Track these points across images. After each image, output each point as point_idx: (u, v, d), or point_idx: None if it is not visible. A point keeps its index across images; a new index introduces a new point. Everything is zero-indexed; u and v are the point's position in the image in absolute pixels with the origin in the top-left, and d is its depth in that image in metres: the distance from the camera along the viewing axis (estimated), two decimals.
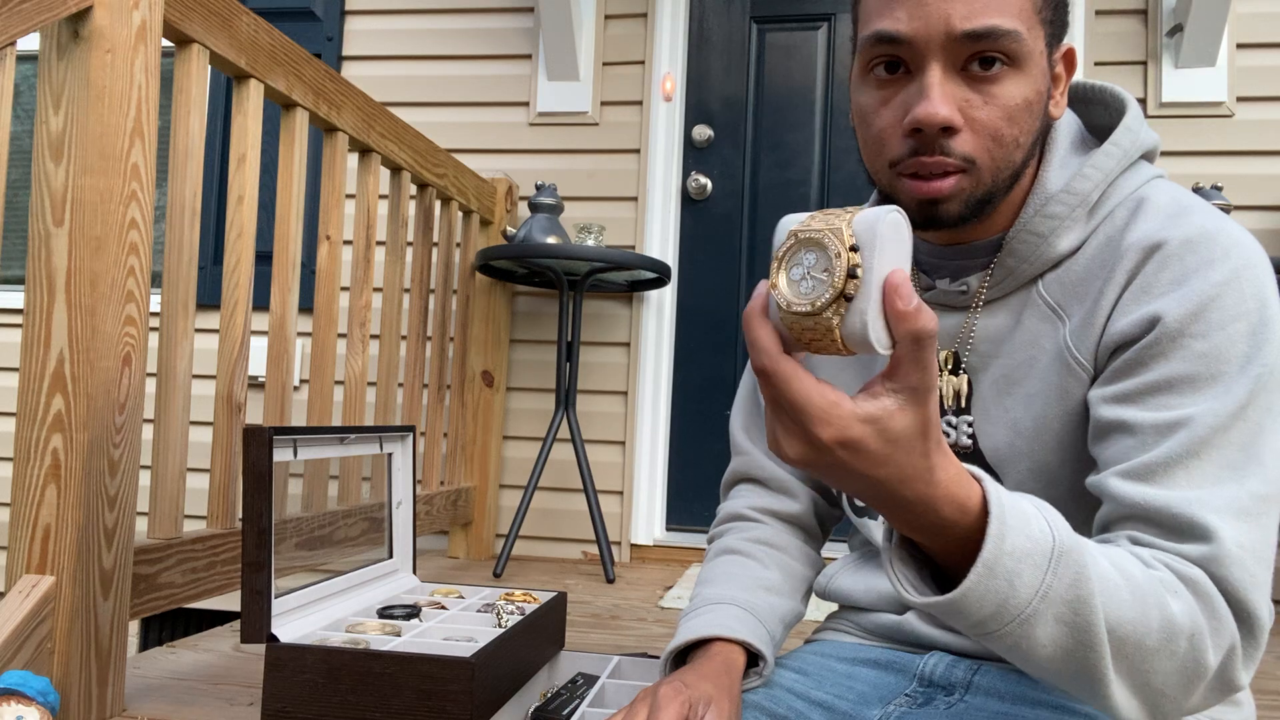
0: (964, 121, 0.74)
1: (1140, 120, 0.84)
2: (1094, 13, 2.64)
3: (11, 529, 1.15)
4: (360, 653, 0.96)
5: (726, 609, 0.91)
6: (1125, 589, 0.64)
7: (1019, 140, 0.76)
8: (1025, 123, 0.75)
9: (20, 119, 3.32)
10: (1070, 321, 0.80)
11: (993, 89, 0.74)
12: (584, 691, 1.13)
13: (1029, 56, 0.74)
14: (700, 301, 2.86)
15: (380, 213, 2.84)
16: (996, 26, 0.72)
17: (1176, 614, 0.65)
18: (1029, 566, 0.61)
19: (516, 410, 2.84)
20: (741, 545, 1.00)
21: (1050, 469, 0.81)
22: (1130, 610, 0.63)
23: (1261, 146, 2.55)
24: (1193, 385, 0.71)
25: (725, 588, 0.94)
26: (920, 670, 0.91)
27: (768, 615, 0.92)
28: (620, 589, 2.24)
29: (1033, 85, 0.75)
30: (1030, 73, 0.75)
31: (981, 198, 0.77)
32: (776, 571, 0.98)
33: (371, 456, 1.43)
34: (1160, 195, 0.80)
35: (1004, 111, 0.74)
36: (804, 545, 1.03)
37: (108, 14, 1.18)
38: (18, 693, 1.00)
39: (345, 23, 3.01)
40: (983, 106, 0.74)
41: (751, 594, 0.94)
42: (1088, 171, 0.80)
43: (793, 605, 0.97)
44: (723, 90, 2.89)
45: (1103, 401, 0.75)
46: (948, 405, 0.89)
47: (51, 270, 1.16)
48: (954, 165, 0.75)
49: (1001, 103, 0.74)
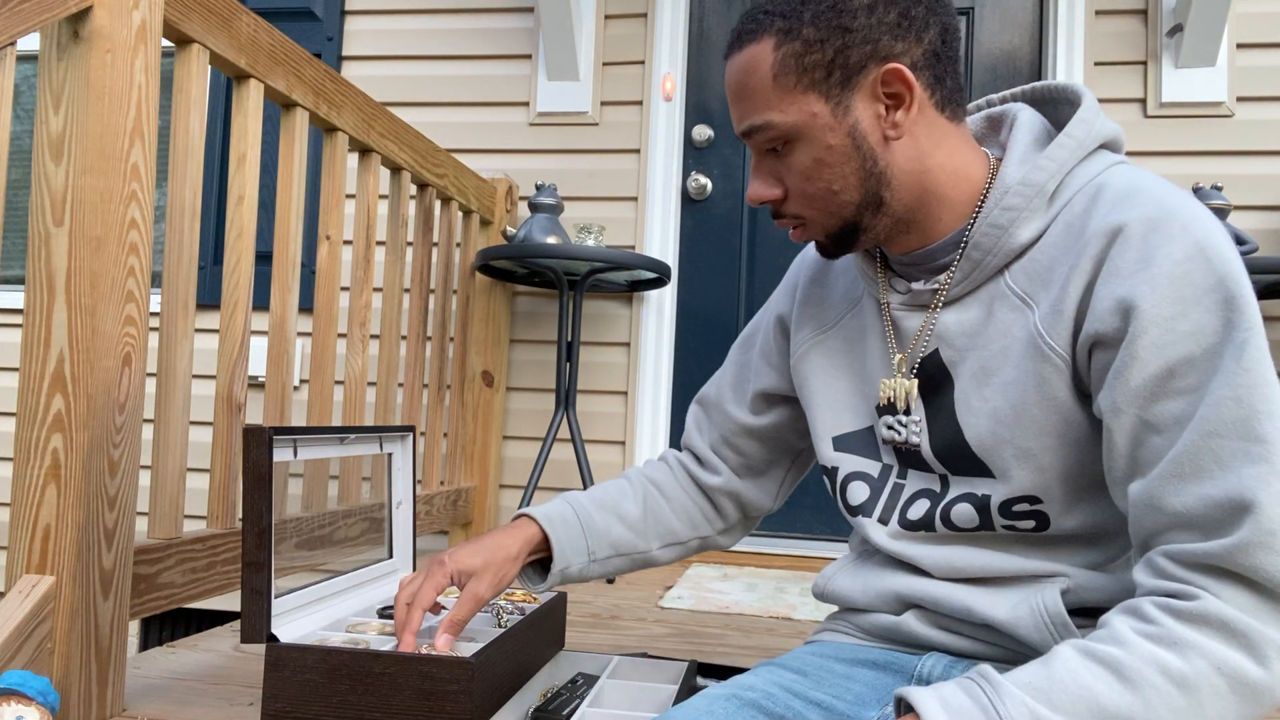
0: (784, 190, 0.89)
1: (1096, 111, 0.87)
2: (1094, 13, 2.64)
3: (11, 529, 1.15)
4: (360, 653, 0.96)
5: (561, 504, 1.09)
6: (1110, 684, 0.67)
7: (830, 189, 0.87)
8: (826, 174, 0.86)
9: (20, 119, 3.32)
10: (1039, 308, 0.83)
11: (788, 161, 0.87)
12: (584, 691, 1.14)
13: (795, 129, 0.85)
14: (700, 301, 2.86)
15: (380, 213, 2.84)
16: (752, 124, 0.87)
17: (1183, 668, 0.67)
18: None
19: (516, 410, 2.84)
20: (633, 474, 1.16)
21: (1034, 454, 0.84)
22: (1124, 699, 0.66)
23: (1261, 146, 2.55)
24: (1190, 365, 0.73)
25: (584, 495, 1.11)
26: (918, 671, 0.91)
27: (596, 532, 1.08)
28: (620, 589, 2.24)
29: (818, 145, 0.85)
30: (810, 137, 0.85)
31: (839, 233, 0.90)
32: (637, 507, 1.11)
33: (371, 456, 1.43)
34: (1117, 180, 0.82)
35: (800, 175, 0.87)
36: (695, 506, 1.14)
37: (108, 14, 1.18)
38: (18, 693, 1.00)
39: (345, 23, 3.01)
40: (788, 176, 0.88)
41: (597, 509, 1.09)
42: (1042, 163, 0.84)
43: (636, 541, 1.10)
44: (722, 90, 2.89)
45: (1114, 408, 0.77)
46: (898, 406, 0.92)
47: (51, 270, 1.16)
48: (789, 222, 0.91)
49: (796, 170, 0.87)
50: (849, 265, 1.03)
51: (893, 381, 0.93)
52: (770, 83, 0.85)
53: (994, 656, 0.89)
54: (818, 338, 1.03)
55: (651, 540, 1.11)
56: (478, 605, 1.01)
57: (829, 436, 1.00)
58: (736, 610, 1.98)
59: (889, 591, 0.94)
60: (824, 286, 1.05)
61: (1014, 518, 0.87)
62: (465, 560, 1.01)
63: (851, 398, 0.99)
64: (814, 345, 1.03)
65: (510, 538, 1.04)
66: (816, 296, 1.05)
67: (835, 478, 0.99)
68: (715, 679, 1.23)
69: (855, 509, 0.97)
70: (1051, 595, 0.84)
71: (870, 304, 0.98)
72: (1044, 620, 0.84)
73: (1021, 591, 0.86)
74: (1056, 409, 0.82)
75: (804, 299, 1.06)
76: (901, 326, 0.93)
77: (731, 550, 2.68)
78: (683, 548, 1.14)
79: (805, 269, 1.08)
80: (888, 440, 0.94)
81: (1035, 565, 0.87)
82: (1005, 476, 0.86)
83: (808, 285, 1.06)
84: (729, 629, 1.82)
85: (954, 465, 0.90)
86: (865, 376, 0.98)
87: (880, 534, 0.95)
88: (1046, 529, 0.86)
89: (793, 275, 1.10)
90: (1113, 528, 0.86)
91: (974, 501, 0.88)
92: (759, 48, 0.85)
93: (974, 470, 0.88)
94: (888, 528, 0.94)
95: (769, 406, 1.11)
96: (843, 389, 1.00)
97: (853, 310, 1.01)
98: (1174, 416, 0.74)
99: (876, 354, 0.96)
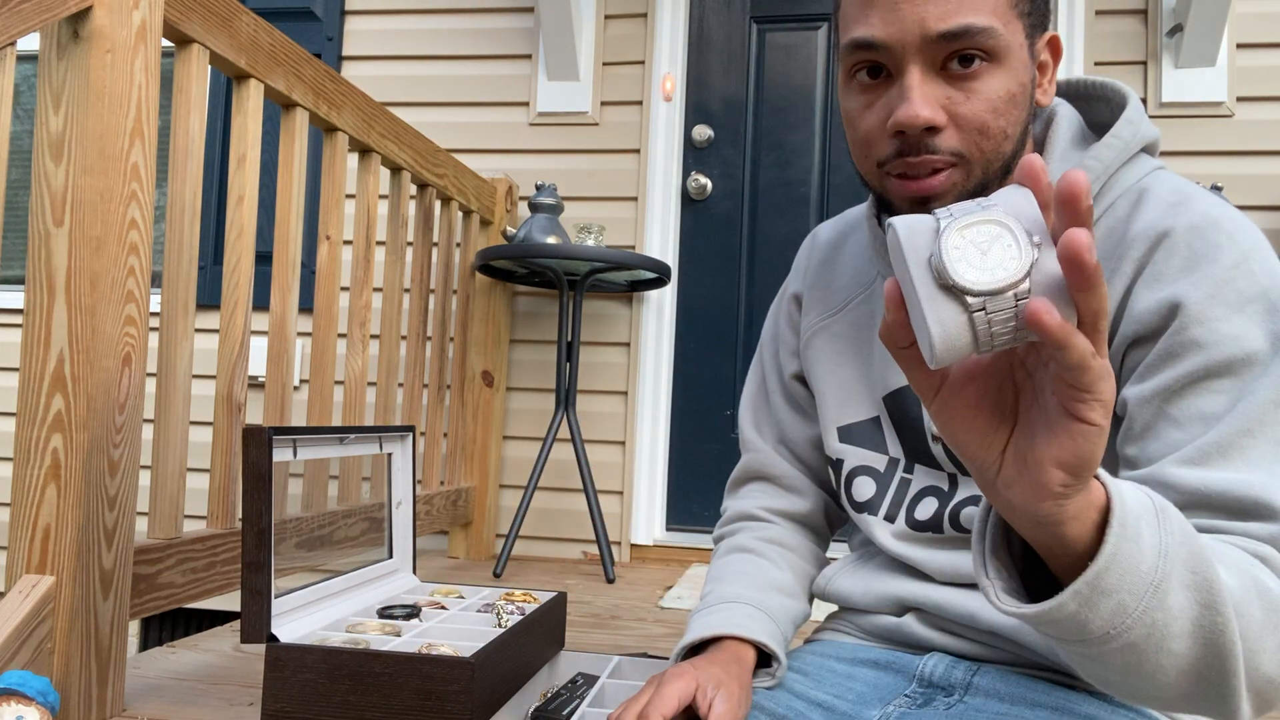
0: (948, 119, 0.76)
1: (1141, 113, 0.85)
2: (1094, 13, 2.64)
3: (11, 529, 1.15)
4: (360, 653, 0.96)
5: (740, 607, 0.91)
6: (1221, 553, 0.62)
7: (1006, 131, 0.77)
8: (1011, 114, 0.77)
9: (20, 119, 3.32)
10: None
11: (974, 84, 0.75)
12: (584, 691, 1.13)
13: (1007, 50, 0.75)
14: (700, 301, 2.86)
15: (380, 213, 2.84)
16: (971, 25, 0.74)
17: (1271, 585, 0.63)
18: (1146, 525, 0.56)
19: (516, 410, 2.84)
20: (753, 544, 1.01)
21: None
22: (1234, 577, 0.61)
23: (1261, 146, 2.55)
24: (1229, 368, 0.72)
25: (738, 586, 0.95)
26: (920, 671, 0.90)
27: (780, 615, 0.93)
28: (620, 589, 2.24)
29: (1015, 78, 0.76)
30: (1011, 65, 0.76)
31: (973, 190, 0.78)
32: (788, 573, 0.99)
33: (371, 456, 1.43)
34: (1161, 186, 0.81)
35: (988, 105, 0.76)
36: (812, 545, 1.04)
37: (108, 14, 1.18)
38: (18, 693, 1.00)
39: (345, 23, 3.01)
40: (965, 102, 0.76)
41: (764, 594, 0.95)
42: (1088, 163, 0.82)
43: (801, 606, 0.98)
44: (723, 90, 2.89)
45: (1141, 399, 0.75)
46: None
47: (51, 270, 1.16)
48: (942, 162, 0.77)
49: (985, 97, 0.75)
50: (861, 247, 1.00)
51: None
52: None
53: (996, 659, 0.89)
54: (824, 321, 0.99)
55: (804, 597, 1.00)
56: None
57: (834, 426, 0.97)
58: None
59: (890, 594, 0.93)
60: (833, 269, 1.01)
61: None
62: (710, 670, 0.82)
63: (857, 386, 0.96)
64: (820, 330, 1.00)
65: (744, 653, 0.87)
66: (824, 279, 1.01)
67: (840, 471, 0.97)
68: None
69: (861, 505, 0.95)
70: None
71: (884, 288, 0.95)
72: None
73: None
74: None
75: (813, 281, 1.02)
76: None
77: None
78: (813, 583, 1.03)
79: (816, 251, 1.04)
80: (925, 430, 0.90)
81: None
82: None
83: (818, 267, 1.02)
84: None
85: (964, 465, 0.89)
86: (873, 365, 0.95)
87: (885, 534, 0.93)
88: None
89: (803, 256, 1.06)
90: None
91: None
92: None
93: None
94: (894, 526, 0.92)
95: (805, 395, 1.04)
96: (848, 377, 0.96)
97: (863, 294, 0.97)
98: (1200, 414, 0.72)
99: None
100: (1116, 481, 0.57)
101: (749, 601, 0.93)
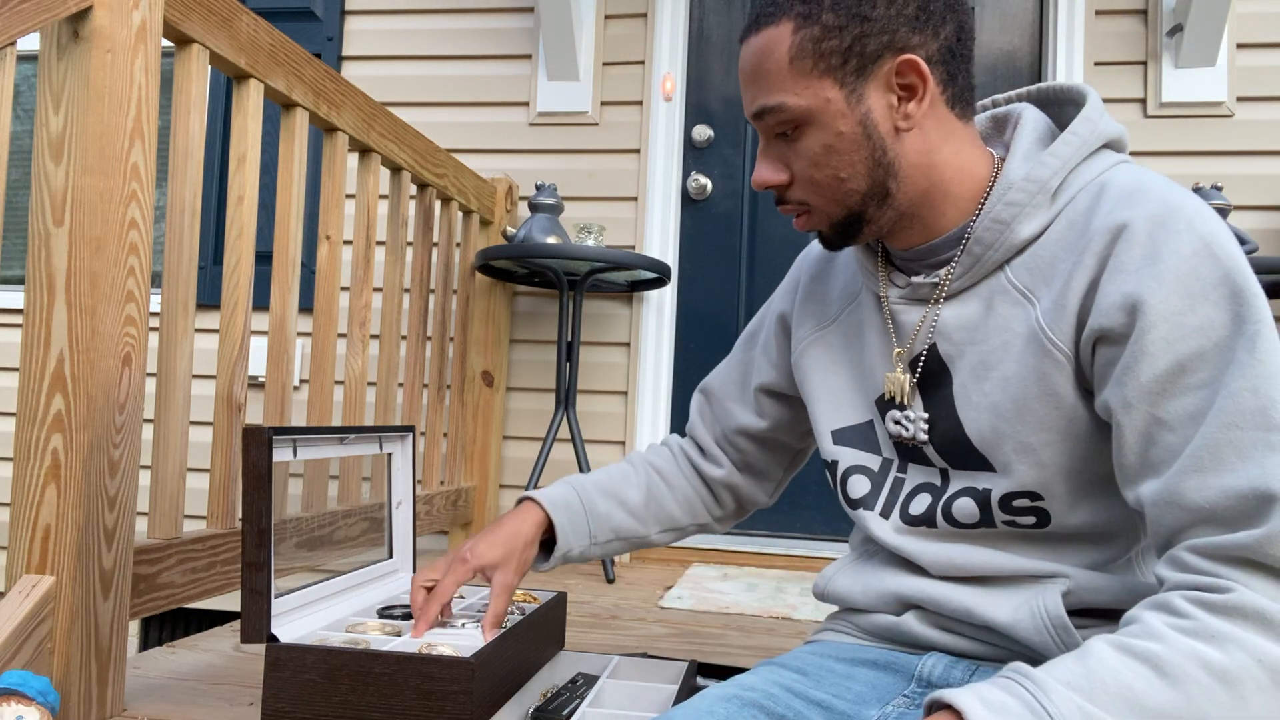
0: (790, 175, 0.89)
1: (1100, 111, 0.88)
2: (1094, 13, 2.64)
3: (11, 529, 1.15)
4: (360, 653, 0.96)
5: (565, 489, 1.13)
6: (1151, 681, 0.66)
7: (838, 176, 0.87)
8: (835, 161, 0.86)
9: (20, 119, 3.32)
10: (1040, 304, 0.84)
11: (797, 146, 0.87)
12: (584, 691, 1.14)
13: (809, 113, 0.85)
14: (700, 301, 2.86)
15: (380, 213, 2.84)
16: (764, 105, 0.87)
17: (1224, 661, 0.66)
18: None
19: (516, 410, 2.84)
20: (637, 460, 1.19)
21: (1035, 449, 0.84)
22: (1166, 696, 0.65)
23: (1261, 146, 2.55)
24: (1202, 359, 0.73)
25: (589, 479, 1.15)
26: (918, 671, 0.91)
27: (599, 517, 1.12)
28: (620, 589, 2.24)
29: (829, 131, 0.85)
30: (821, 123, 0.85)
31: (843, 222, 0.89)
32: (640, 494, 1.15)
33: (371, 456, 1.43)
34: (1120, 178, 0.83)
35: (808, 160, 0.87)
36: (695, 494, 1.17)
37: (108, 14, 1.18)
38: (18, 693, 1.00)
39: (345, 23, 3.01)
40: (795, 161, 0.88)
41: (601, 496, 1.13)
42: (1046, 159, 0.85)
43: (636, 526, 1.14)
44: (723, 90, 2.89)
45: (1125, 404, 0.76)
46: (898, 401, 0.93)
47: (51, 270, 1.16)
48: (793, 209, 0.91)
49: (804, 155, 0.87)
50: (849, 261, 1.04)
51: (894, 376, 0.93)
52: (786, 66, 0.85)
53: (994, 657, 0.89)
54: (818, 333, 1.04)
55: (651, 526, 1.16)
56: (510, 594, 1.07)
57: (829, 430, 1.01)
58: (736, 610, 1.98)
59: (889, 592, 0.94)
60: (825, 283, 1.06)
61: (1015, 513, 0.87)
62: (487, 554, 1.07)
63: (851, 392, 1.00)
64: (814, 341, 1.04)
65: (523, 524, 1.10)
66: (818, 293, 1.06)
67: (836, 471, 1.00)
68: (715, 679, 1.23)
69: (856, 502, 0.98)
70: (1052, 598, 0.84)
71: (869, 298, 0.98)
72: (1044, 623, 0.84)
73: (1022, 593, 0.86)
74: (1058, 404, 0.82)
75: (805, 296, 1.07)
76: (900, 320, 0.93)
77: (731, 550, 2.68)
78: (680, 532, 1.19)
79: (808, 266, 1.09)
80: (894, 436, 0.95)
81: (1036, 565, 0.87)
82: (1006, 470, 0.86)
83: (809, 282, 1.07)
84: (729, 629, 1.82)
85: (955, 459, 0.90)
86: (864, 370, 0.98)
87: (882, 528, 0.95)
88: (1047, 526, 0.86)
89: (795, 273, 1.12)
90: (1116, 527, 0.86)
91: (975, 496, 0.88)
92: (777, 30, 0.85)
93: (975, 464, 0.89)
94: (889, 521, 0.95)
95: (770, 402, 1.13)
96: (842, 383, 1.00)
97: (852, 305, 1.01)
98: (1187, 412, 0.73)
99: (875, 348, 0.96)
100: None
101: (579, 489, 1.12)
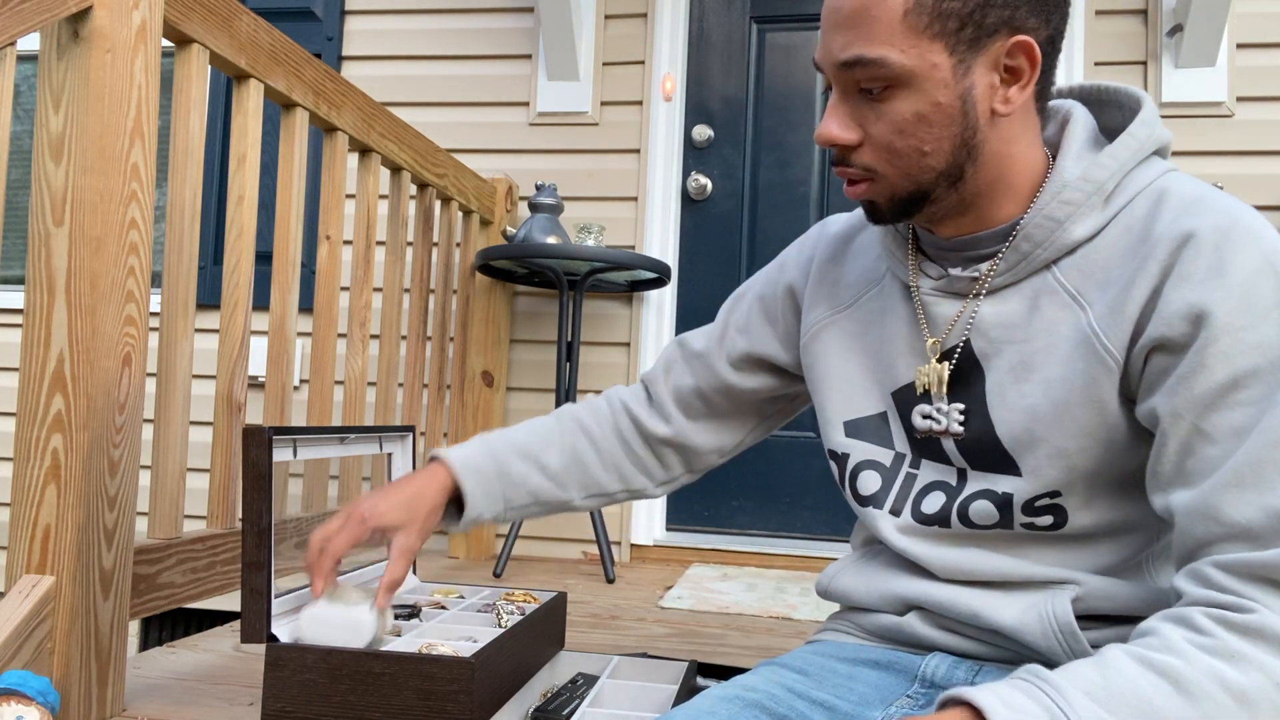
0: (862, 136, 0.83)
1: (1155, 116, 0.86)
2: (1094, 13, 2.64)
3: (11, 529, 1.15)
4: (360, 653, 0.96)
5: (478, 450, 1.07)
6: (1169, 696, 0.66)
7: (920, 149, 0.81)
8: (922, 132, 0.81)
9: (20, 119, 3.32)
10: (1093, 309, 0.82)
11: (882, 107, 0.81)
12: (584, 691, 1.14)
13: (912, 75, 0.79)
14: (700, 301, 2.86)
15: (380, 213, 2.84)
16: (861, 56, 0.79)
17: (1242, 682, 0.66)
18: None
19: (516, 410, 2.84)
20: (565, 417, 1.12)
21: (1069, 454, 0.82)
22: (1183, 712, 0.65)
23: (1261, 146, 2.55)
24: (1256, 377, 0.73)
25: (505, 438, 1.09)
26: (922, 671, 0.90)
27: (514, 481, 1.07)
28: (620, 589, 2.24)
29: (927, 98, 0.80)
30: (920, 88, 0.80)
31: (907, 198, 0.84)
32: (560, 458, 1.09)
33: (371, 456, 1.43)
34: (1180, 186, 0.82)
35: (892, 126, 0.81)
36: (628, 457, 1.11)
37: (108, 14, 1.18)
38: (18, 693, 1.00)
39: (345, 23, 3.01)
40: (875, 123, 0.82)
41: (518, 458, 1.07)
42: (1104, 160, 0.83)
43: (556, 491, 1.09)
44: (723, 90, 2.89)
45: (1174, 414, 0.76)
46: (933, 392, 0.90)
47: (51, 270, 1.16)
48: (856, 175, 0.85)
49: (890, 119, 0.81)
50: (871, 244, 1.00)
51: (928, 368, 0.89)
52: (899, 17, 0.78)
53: (997, 658, 0.89)
54: (832, 317, 0.99)
55: (573, 490, 1.10)
56: (411, 558, 1.01)
57: (840, 421, 0.97)
58: (736, 610, 1.98)
59: (893, 593, 0.93)
60: (841, 265, 1.01)
61: (1034, 514, 0.85)
62: (388, 515, 1.00)
63: (865, 381, 0.96)
64: (827, 325, 0.99)
65: (428, 487, 1.03)
66: (832, 275, 1.01)
67: (845, 465, 0.96)
68: (715, 679, 1.23)
69: (866, 499, 0.95)
70: (1062, 604, 0.83)
71: (894, 286, 0.94)
72: (1052, 628, 0.83)
73: (1031, 597, 0.85)
74: (1100, 410, 0.81)
75: (819, 277, 1.02)
76: (933, 313, 0.90)
77: (731, 550, 2.68)
78: (607, 498, 1.13)
79: (823, 244, 1.04)
80: (922, 430, 0.91)
81: (1047, 571, 0.85)
82: (1033, 474, 0.84)
83: (824, 262, 1.02)
84: (729, 629, 1.82)
85: (976, 460, 0.88)
86: (881, 360, 0.94)
87: (890, 528, 0.92)
88: (1064, 526, 0.85)
89: (808, 247, 1.06)
90: (1129, 525, 0.85)
91: (994, 499, 0.86)
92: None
93: (997, 466, 0.86)
94: (899, 520, 0.92)
95: (756, 370, 1.07)
96: (855, 372, 0.96)
97: (873, 291, 0.97)
98: (1232, 427, 0.73)
99: (899, 338, 0.93)
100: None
101: (493, 452, 1.07)
